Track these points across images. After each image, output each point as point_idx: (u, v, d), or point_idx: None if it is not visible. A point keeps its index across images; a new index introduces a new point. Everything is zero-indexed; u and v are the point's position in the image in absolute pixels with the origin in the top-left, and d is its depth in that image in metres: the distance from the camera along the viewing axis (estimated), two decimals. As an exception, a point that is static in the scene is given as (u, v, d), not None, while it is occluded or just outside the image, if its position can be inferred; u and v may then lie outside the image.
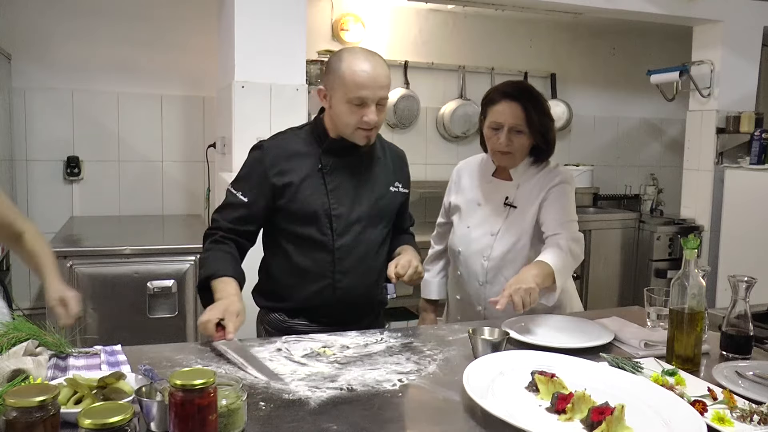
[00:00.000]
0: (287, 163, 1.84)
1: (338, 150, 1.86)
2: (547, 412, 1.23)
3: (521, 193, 2.07)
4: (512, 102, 1.98)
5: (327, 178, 1.84)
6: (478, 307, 2.12)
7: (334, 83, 1.77)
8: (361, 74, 1.73)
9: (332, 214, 1.83)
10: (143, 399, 1.12)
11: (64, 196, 3.69)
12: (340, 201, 1.84)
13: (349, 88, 1.74)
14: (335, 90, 1.78)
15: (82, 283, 2.71)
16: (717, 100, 4.16)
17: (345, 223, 1.85)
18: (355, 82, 1.73)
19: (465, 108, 4.48)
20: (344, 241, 1.84)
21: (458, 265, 2.15)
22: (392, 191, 1.96)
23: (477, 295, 2.11)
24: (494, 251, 2.06)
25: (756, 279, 1.56)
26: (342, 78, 1.74)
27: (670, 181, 5.01)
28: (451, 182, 2.25)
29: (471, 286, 2.12)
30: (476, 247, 2.09)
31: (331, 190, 1.84)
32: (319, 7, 4.15)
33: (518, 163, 2.08)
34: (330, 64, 1.82)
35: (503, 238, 2.05)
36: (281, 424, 1.18)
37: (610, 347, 1.65)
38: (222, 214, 1.88)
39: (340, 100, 1.77)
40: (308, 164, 1.84)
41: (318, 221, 1.83)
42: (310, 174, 1.84)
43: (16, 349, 1.31)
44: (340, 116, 1.79)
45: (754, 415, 1.22)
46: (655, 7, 3.86)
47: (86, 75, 3.70)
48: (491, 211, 2.10)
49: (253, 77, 3.01)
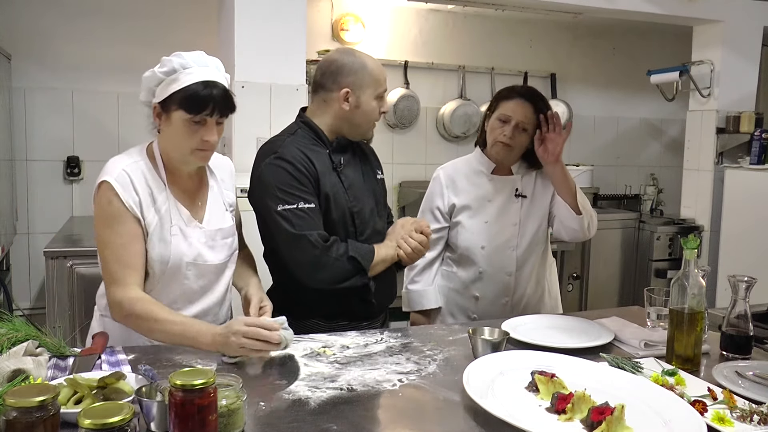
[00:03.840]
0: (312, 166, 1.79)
1: (344, 147, 1.87)
2: (547, 412, 1.23)
3: (527, 183, 2.17)
4: (526, 102, 2.09)
5: (342, 176, 1.84)
6: (504, 299, 2.14)
7: (365, 81, 1.80)
8: (382, 69, 1.84)
9: (354, 211, 1.84)
10: (143, 399, 1.12)
11: (64, 196, 3.69)
12: (357, 197, 1.86)
13: (380, 82, 1.82)
14: (365, 88, 1.80)
15: (82, 283, 2.71)
16: (717, 100, 4.16)
17: (364, 219, 1.86)
18: (383, 76, 1.84)
19: (465, 108, 4.48)
20: (365, 236, 1.86)
21: (479, 262, 2.14)
22: (379, 179, 2.00)
23: (504, 288, 2.14)
24: (522, 240, 2.13)
25: (756, 279, 1.56)
26: (372, 74, 1.80)
27: (670, 181, 5.01)
28: (441, 186, 2.21)
29: (497, 279, 2.13)
30: (501, 239, 2.13)
31: (348, 187, 1.85)
32: (319, 7, 4.15)
33: (513, 161, 2.16)
34: (349, 65, 1.80)
35: (525, 226, 2.14)
36: (281, 424, 1.18)
37: (610, 347, 1.65)
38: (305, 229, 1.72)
39: (371, 96, 1.81)
40: (323, 165, 1.81)
41: (344, 221, 1.83)
42: (327, 174, 1.81)
43: (16, 349, 1.31)
44: (367, 114, 1.82)
45: (754, 415, 1.22)
46: (655, 7, 3.86)
47: (86, 75, 3.70)
48: (504, 203, 2.15)
49: (253, 77, 3.01)
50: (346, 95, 1.80)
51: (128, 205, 1.55)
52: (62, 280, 2.71)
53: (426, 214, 2.23)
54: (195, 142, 1.57)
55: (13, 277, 3.57)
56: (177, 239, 1.61)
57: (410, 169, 4.46)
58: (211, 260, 1.67)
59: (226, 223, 1.73)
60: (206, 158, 1.65)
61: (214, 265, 1.68)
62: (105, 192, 1.56)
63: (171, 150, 1.63)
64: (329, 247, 1.74)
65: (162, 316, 1.50)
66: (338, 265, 1.74)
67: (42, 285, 3.49)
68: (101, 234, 1.58)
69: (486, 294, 2.15)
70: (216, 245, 1.68)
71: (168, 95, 1.55)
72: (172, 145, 1.61)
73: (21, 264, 3.65)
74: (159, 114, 1.60)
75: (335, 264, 1.74)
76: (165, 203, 1.61)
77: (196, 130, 1.56)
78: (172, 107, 1.55)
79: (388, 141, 4.29)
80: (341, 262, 1.74)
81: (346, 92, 1.79)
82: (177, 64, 1.56)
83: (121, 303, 1.52)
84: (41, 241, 3.32)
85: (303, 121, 1.87)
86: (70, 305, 2.72)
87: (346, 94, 1.79)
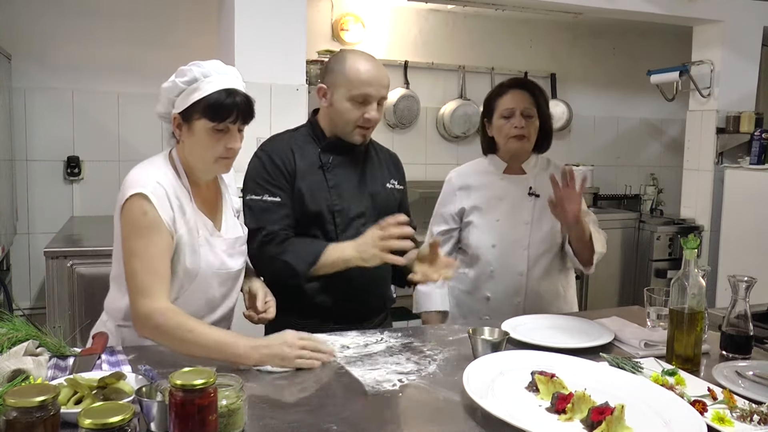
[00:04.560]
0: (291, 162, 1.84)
1: (337, 147, 1.87)
2: (547, 412, 1.23)
3: (540, 183, 2.13)
4: (520, 90, 2.10)
5: (327, 175, 1.85)
6: (516, 299, 2.11)
7: (337, 81, 1.79)
8: (365, 72, 1.78)
9: (334, 210, 1.84)
10: (143, 399, 1.12)
11: (64, 196, 3.69)
12: (342, 197, 1.85)
13: (354, 84, 1.77)
14: (337, 87, 1.79)
15: (82, 283, 2.71)
16: (717, 100, 4.16)
17: (347, 219, 1.86)
18: (360, 80, 1.77)
19: (465, 108, 4.48)
20: (347, 237, 1.84)
21: (490, 260, 2.13)
22: (389, 188, 1.98)
23: (516, 288, 2.11)
24: (533, 239, 2.10)
25: (756, 279, 1.56)
26: (346, 75, 1.77)
27: (670, 181, 5.01)
28: (453, 189, 2.22)
29: (508, 279, 2.11)
30: (513, 237, 2.11)
31: (332, 186, 1.85)
32: (319, 7, 4.15)
33: (530, 149, 2.14)
34: (331, 64, 1.84)
35: (538, 225, 2.10)
36: (281, 424, 1.18)
37: (610, 347, 1.65)
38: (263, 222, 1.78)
39: (342, 97, 1.78)
40: (308, 162, 1.85)
41: (321, 218, 1.83)
42: (311, 172, 1.84)
43: (16, 349, 1.31)
44: (341, 114, 1.80)
45: (754, 415, 1.22)
46: (655, 7, 3.86)
47: (86, 75, 3.70)
48: (516, 202, 2.13)
49: (253, 77, 2.99)
50: (323, 91, 1.83)
51: (164, 218, 1.52)
52: (62, 280, 2.71)
53: (437, 217, 2.26)
54: (219, 150, 1.56)
55: (13, 277, 3.58)
56: (204, 250, 1.61)
57: (410, 169, 4.39)
58: (232, 267, 1.69)
59: (241, 231, 1.75)
60: (229, 166, 1.64)
61: (234, 271, 1.70)
62: (139, 203, 1.50)
63: (194, 160, 1.61)
64: (269, 241, 1.77)
65: (197, 327, 1.44)
66: (270, 263, 1.78)
67: (42, 285, 3.49)
68: (132, 245, 1.51)
69: (497, 294, 2.13)
70: (234, 253, 1.70)
71: (190, 104, 1.54)
72: (196, 154, 1.59)
73: (21, 264, 3.65)
74: (179, 125, 1.57)
75: (270, 262, 1.78)
76: (192, 215, 1.60)
77: (219, 138, 1.55)
78: (195, 116, 1.54)
79: (388, 141, 4.28)
80: (275, 261, 1.77)
81: (323, 88, 1.83)
82: (198, 73, 1.55)
83: (152, 314, 1.46)
84: (41, 241, 3.32)
85: (311, 119, 1.92)
86: (70, 305, 2.72)
87: (323, 90, 1.83)
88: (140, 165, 1.60)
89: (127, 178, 1.55)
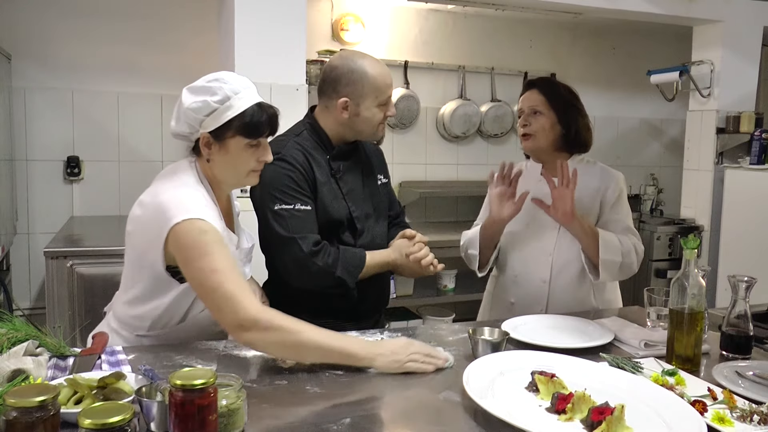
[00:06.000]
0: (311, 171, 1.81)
1: (344, 154, 1.87)
2: (547, 412, 1.23)
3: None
4: (530, 89, 2.12)
5: (340, 182, 1.86)
6: (538, 307, 2.05)
7: (363, 91, 1.78)
8: (386, 75, 1.81)
9: (354, 216, 1.86)
10: (143, 399, 1.12)
11: (64, 196, 3.69)
12: (356, 203, 1.87)
13: (381, 90, 1.79)
14: (364, 98, 1.78)
15: (82, 283, 2.71)
16: (717, 100, 4.16)
17: (363, 223, 1.88)
18: (386, 83, 1.80)
19: (465, 108, 4.48)
20: (363, 240, 1.87)
21: (514, 265, 2.11)
22: (380, 184, 2.00)
23: (538, 295, 2.06)
24: (559, 246, 2.05)
25: (756, 279, 1.56)
26: (373, 84, 1.78)
27: (670, 181, 5.01)
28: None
29: (532, 285, 2.07)
30: (538, 243, 2.07)
31: (346, 193, 1.86)
32: (319, 7, 4.15)
33: (541, 146, 2.07)
34: (346, 76, 1.79)
35: (566, 232, 2.02)
36: (281, 424, 1.19)
37: (610, 347, 1.65)
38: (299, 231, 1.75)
39: (371, 105, 1.79)
40: (322, 171, 1.83)
41: (341, 225, 1.84)
42: (325, 180, 1.83)
43: (16, 349, 1.31)
44: (369, 120, 1.81)
45: (754, 415, 1.22)
46: (656, 7, 3.86)
47: (86, 75, 3.70)
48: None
49: (253, 77, 2.96)
50: (344, 105, 1.79)
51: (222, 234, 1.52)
52: (62, 280, 2.71)
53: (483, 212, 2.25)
54: (252, 164, 1.58)
55: (13, 277, 3.57)
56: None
57: (410, 169, 4.46)
58: (248, 274, 1.75)
59: (252, 240, 1.79)
60: (258, 178, 1.64)
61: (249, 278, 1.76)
62: (192, 225, 1.46)
63: (227, 176, 1.60)
64: (317, 252, 1.75)
65: (309, 328, 1.42)
66: (321, 275, 1.75)
67: (42, 285, 3.49)
68: (202, 264, 1.44)
69: (521, 300, 2.09)
70: (248, 261, 1.76)
71: (223, 123, 1.52)
72: (228, 170, 1.58)
73: (21, 264, 3.65)
74: (208, 143, 1.55)
75: (319, 272, 1.75)
76: (224, 229, 1.58)
77: (253, 152, 1.56)
78: (228, 134, 1.53)
79: (388, 141, 4.29)
80: (325, 274, 1.75)
81: (344, 102, 1.79)
82: (228, 91, 1.53)
83: (259, 318, 1.39)
84: (41, 241, 3.32)
85: (309, 123, 1.88)
86: (70, 305, 2.72)
87: (345, 103, 1.79)
88: (171, 185, 1.54)
89: (164, 202, 1.49)
